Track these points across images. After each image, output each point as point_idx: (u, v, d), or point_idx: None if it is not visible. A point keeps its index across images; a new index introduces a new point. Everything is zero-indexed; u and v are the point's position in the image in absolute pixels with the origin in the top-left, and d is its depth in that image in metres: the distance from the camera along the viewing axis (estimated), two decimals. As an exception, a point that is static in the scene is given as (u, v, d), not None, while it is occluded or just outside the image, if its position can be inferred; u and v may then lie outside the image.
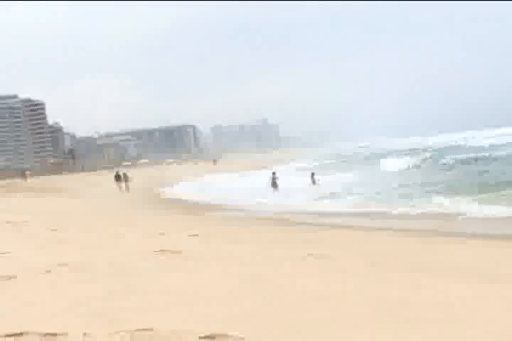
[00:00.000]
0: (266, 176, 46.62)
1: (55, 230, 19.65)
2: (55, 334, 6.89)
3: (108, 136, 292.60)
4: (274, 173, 46.31)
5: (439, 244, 15.20)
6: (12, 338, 6.81)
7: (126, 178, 56.81)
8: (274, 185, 44.52)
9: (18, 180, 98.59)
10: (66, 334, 6.91)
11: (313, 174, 47.88)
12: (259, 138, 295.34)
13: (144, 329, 6.91)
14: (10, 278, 10.52)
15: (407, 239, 16.49)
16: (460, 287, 9.32)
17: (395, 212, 25.43)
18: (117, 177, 57.24)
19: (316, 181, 46.44)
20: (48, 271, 11.08)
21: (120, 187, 55.07)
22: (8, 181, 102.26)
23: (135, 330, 6.91)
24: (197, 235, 17.00)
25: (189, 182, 60.87)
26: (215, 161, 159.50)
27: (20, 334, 6.95)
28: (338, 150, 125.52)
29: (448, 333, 6.70)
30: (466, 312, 7.66)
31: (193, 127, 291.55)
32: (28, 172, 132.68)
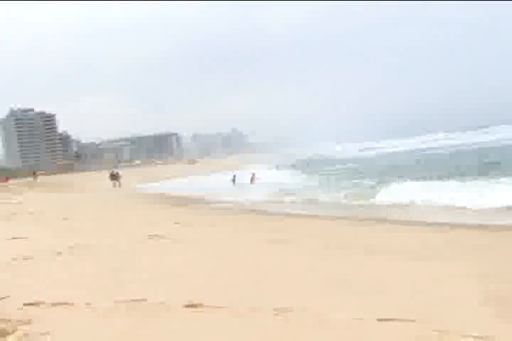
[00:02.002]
0: (247, 174, 46.18)
1: (67, 219, 19.59)
2: (65, 303, 6.88)
3: (108, 141, 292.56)
4: (253, 174, 46.12)
5: (375, 229, 15.25)
6: (29, 307, 6.81)
7: (118, 176, 56.56)
8: (252, 181, 44.37)
9: (30, 179, 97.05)
10: (74, 304, 6.91)
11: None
12: (230, 144, 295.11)
13: (138, 300, 6.91)
14: (28, 258, 10.48)
15: (350, 225, 16.47)
16: (394, 264, 9.41)
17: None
18: (112, 176, 57.04)
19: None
20: (60, 253, 11.05)
21: (114, 184, 54.75)
22: (20, 180, 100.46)
23: (131, 300, 6.91)
24: (180, 223, 16.97)
25: (174, 179, 60.26)
26: (193, 161, 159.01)
27: (36, 303, 6.93)
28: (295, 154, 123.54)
29: (385, 300, 6.79)
30: (398, 284, 7.75)
31: (176, 135, 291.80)
32: (38, 172, 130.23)
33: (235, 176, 45.74)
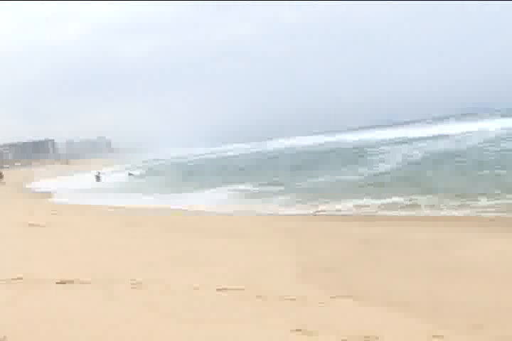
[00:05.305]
0: (93, 174, 44.74)
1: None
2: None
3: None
4: (99, 172, 44.84)
5: (207, 217, 15.36)
6: None
7: (1, 176, 52.94)
8: (98, 179, 42.88)
9: None
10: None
11: (130, 174, 46.72)
12: (97, 149, 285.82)
13: (17, 278, 6.54)
14: None
15: (189, 215, 16.44)
16: (221, 242, 9.53)
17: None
18: None
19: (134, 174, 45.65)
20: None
21: None
22: None
23: (11, 279, 6.54)
24: (53, 213, 16.30)
25: (49, 179, 56.80)
26: (66, 161, 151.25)
27: None
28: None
29: (215, 271, 6.85)
30: (224, 258, 7.85)
31: (52, 141, 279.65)
32: None
33: (99, 173, 44.49)
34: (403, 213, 12.83)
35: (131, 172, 47.36)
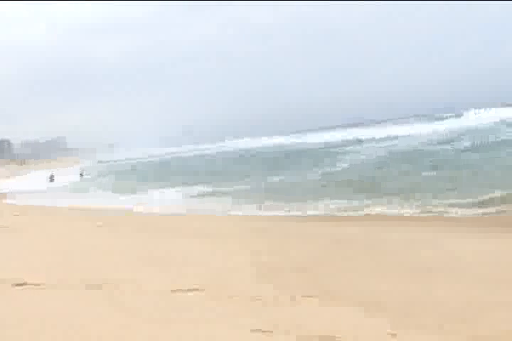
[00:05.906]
0: (47, 174, 43.82)
1: None
2: None
3: None
4: (52, 173, 44.04)
5: (179, 217, 15.26)
6: None
7: None
8: (52, 180, 42.09)
9: None
10: None
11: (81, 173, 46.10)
12: (56, 150, 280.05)
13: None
14: None
15: (162, 215, 16.23)
16: (193, 242, 9.56)
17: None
18: None
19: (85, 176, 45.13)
20: None
21: None
22: None
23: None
24: (18, 214, 16.04)
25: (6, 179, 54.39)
26: (22, 161, 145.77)
27: None
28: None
29: (183, 270, 6.86)
30: (195, 257, 7.89)
31: (8, 141, 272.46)
32: None
33: (52, 175, 43.66)
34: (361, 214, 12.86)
35: (82, 172, 46.63)
